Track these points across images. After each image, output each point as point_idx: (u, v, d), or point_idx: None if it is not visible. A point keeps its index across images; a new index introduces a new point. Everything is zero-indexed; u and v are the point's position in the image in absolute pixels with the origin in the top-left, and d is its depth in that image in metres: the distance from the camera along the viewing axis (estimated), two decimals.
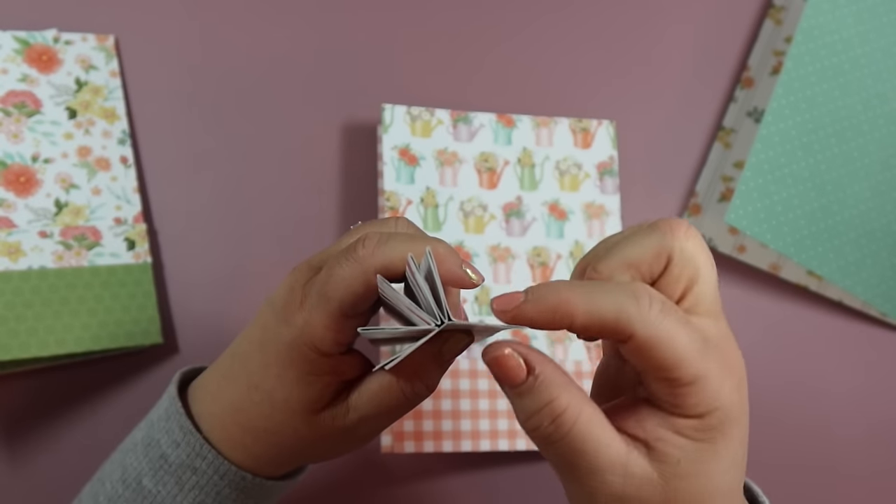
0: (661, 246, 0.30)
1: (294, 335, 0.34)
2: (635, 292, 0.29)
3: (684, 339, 0.28)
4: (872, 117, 0.62)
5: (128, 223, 0.54)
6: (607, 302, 0.28)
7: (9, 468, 0.52)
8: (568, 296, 0.28)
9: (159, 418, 0.38)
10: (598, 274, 0.31)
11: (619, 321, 0.28)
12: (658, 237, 0.31)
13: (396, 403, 0.35)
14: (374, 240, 0.33)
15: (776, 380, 0.62)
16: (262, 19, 0.60)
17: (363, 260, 0.32)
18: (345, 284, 0.32)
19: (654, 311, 0.28)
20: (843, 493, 0.61)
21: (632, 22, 0.65)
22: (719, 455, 0.30)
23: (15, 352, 0.49)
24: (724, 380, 0.29)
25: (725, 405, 0.29)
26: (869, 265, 0.62)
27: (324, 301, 0.33)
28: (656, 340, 0.28)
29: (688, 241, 0.31)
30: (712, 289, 0.31)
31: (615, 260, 0.31)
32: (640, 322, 0.28)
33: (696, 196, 0.63)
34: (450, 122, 0.58)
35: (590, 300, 0.28)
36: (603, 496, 0.29)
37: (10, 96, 0.53)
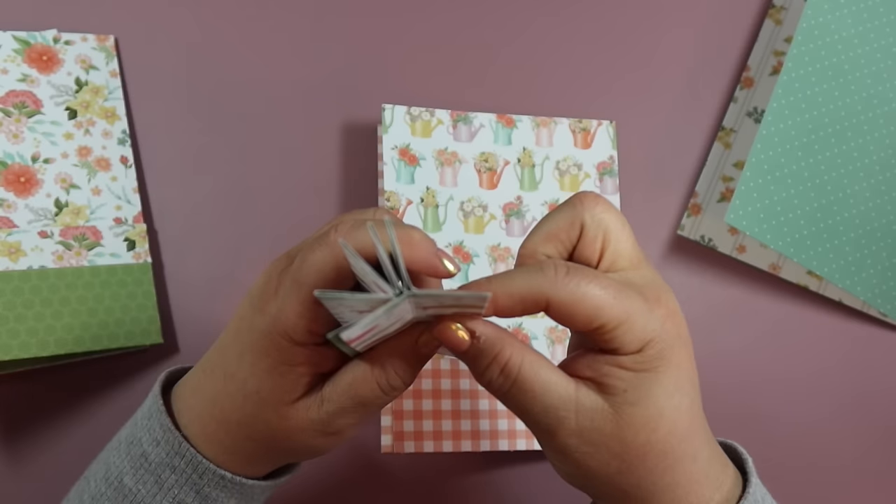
0: (573, 215, 0.35)
1: (267, 323, 0.33)
2: (541, 265, 0.32)
3: (596, 291, 0.32)
4: (872, 117, 0.62)
5: (128, 223, 0.54)
6: (520, 281, 0.32)
7: (9, 468, 0.52)
8: (488, 287, 0.32)
9: (142, 417, 0.38)
10: (524, 248, 0.36)
11: (534, 293, 0.32)
12: (569, 209, 0.35)
13: (372, 395, 0.34)
14: (348, 224, 0.33)
15: (776, 380, 0.62)
16: (263, 19, 0.60)
17: (334, 244, 0.32)
18: (316, 269, 0.32)
19: (560, 275, 0.32)
20: (843, 493, 0.61)
21: (632, 22, 0.65)
22: (661, 380, 0.33)
23: (15, 352, 0.49)
24: (651, 315, 0.32)
25: (658, 335, 0.32)
26: (869, 265, 0.62)
27: (296, 287, 0.33)
28: (569, 299, 0.32)
29: (596, 207, 0.35)
30: (628, 244, 0.35)
31: (538, 235, 0.35)
32: (549, 288, 0.32)
33: (696, 196, 0.63)
34: (450, 122, 0.58)
35: (504, 284, 0.32)
36: (562, 433, 0.33)
37: (11, 96, 0.53)
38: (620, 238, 0.35)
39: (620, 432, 0.33)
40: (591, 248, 0.35)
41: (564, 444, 0.33)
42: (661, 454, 0.33)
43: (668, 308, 0.34)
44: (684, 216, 0.62)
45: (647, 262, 0.36)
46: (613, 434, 0.33)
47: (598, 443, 0.33)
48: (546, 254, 0.35)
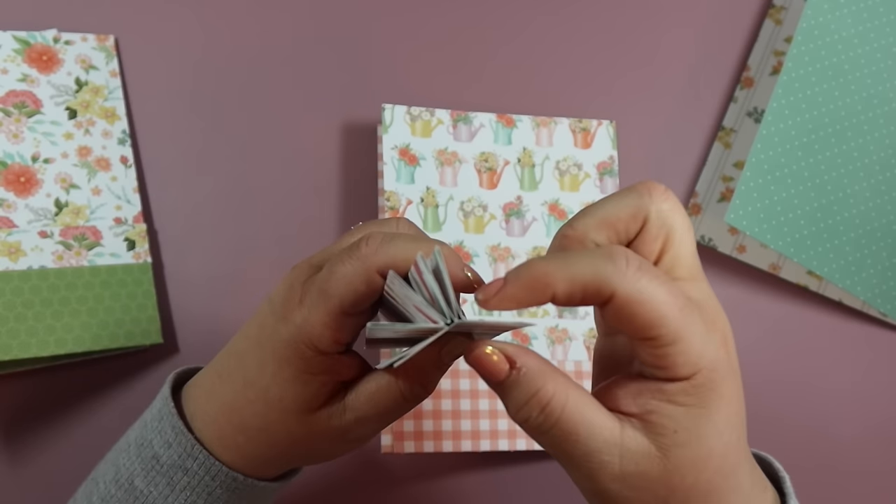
0: (638, 206, 0.31)
1: (292, 332, 0.33)
2: (611, 253, 0.29)
3: (664, 297, 0.28)
4: (872, 117, 0.62)
5: (128, 223, 0.54)
6: (584, 266, 0.28)
7: (9, 468, 0.52)
8: (545, 268, 0.28)
9: (152, 418, 0.38)
10: (573, 230, 0.31)
11: (599, 282, 0.28)
12: (635, 197, 0.31)
13: (394, 405, 0.34)
14: (378, 239, 0.32)
15: (776, 380, 0.62)
16: (263, 19, 0.60)
17: (366, 258, 0.32)
18: (346, 281, 0.32)
19: (632, 269, 0.28)
20: (843, 493, 0.61)
21: (632, 22, 0.65)
22: (712, 417, 0.29)
23: (15, 352, 0.49)
24: (708, 337, 0.29)
25: (711, 363, 0.29)
26: (869, 265, 0.62)
27: (324, 298, 0.32)
28: (636, 298, 0.28)
29: (665, 203, 0.31)
30: (690, 251, 0.32)
31: (591, 218, 0.31)
32: (618, 281, 0.28)
33: (696, 196, 0.63)
34: (450, 122, 0.58)
35: (567, 267, 0.28)
36: (603, 477, 0.30)
37: (10, 96, 0.53)
38: (684, 242, 0.31)
39: (667, 476, 0.29)
40: (650, 248, 0.31)
41: (605, 489, 0.30)
42: (706, 493, 0.30)
43: (723, 333, 0.30)
44: None
45: (704, 276, 0.32)
46: (660, 479, 0.29)
47: (642, 487, 0.30)
48: (596, 242, 0.32)
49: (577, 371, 0.57)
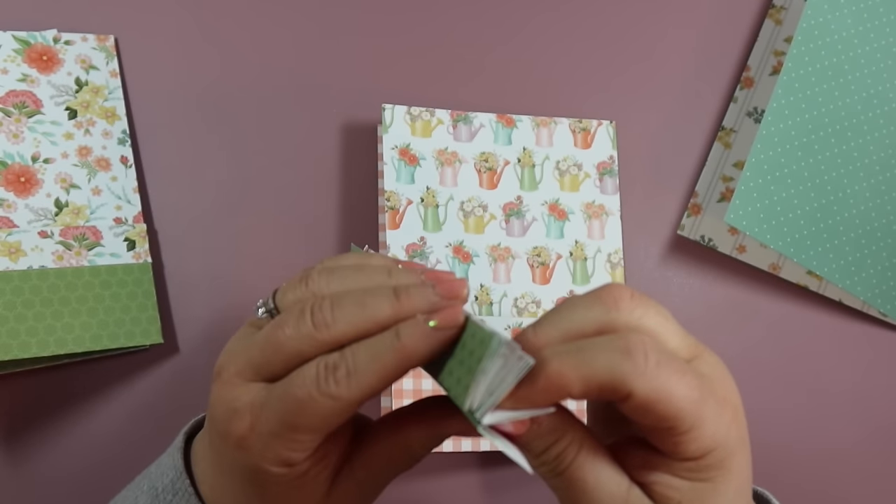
0: (604, 321, 0.28)
1: (254, 461, 0.29)
2: (629, 348, 0.27)
3: (683, 391, 0.27)
4: (872, 117, 0.62)
5: (128, 223, 0.54)
6: (600, 364, 0.27)
7: (9, 468, 0.52)
8: (559, 369, 0.27)
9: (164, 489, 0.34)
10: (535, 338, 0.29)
11: (615, 382, 0.27)
12: (601, 311, 0.28)
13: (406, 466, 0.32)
14: (343, 370, 0.28)
15: (776, 380, 0.62)
16: (262, 19, 0.60)
17: (336, 395, 0.28)
18: (315, 418, 0.28)
19: (651, 365, 0.27)
20: (843, 493, 0.61)
21: (632, 22, 0.65)
22: (719, 490, 0.29)
23: (15, 352, 0.49)
24: (720, 419, 0.28)
25: (722, 442, 0.28)
26: (869, 265, 0.62)
27: (286, 430, 0.28)
28: (654, 397, 0.27)
29: (633, 312, 0.29)
30: (678, 338, 0.30)
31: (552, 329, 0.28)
32: (635, 381, 0.27)
33: (696, 196, 0.63)
34: (450, 122, 0.58)
35: (581, 367, 0.27)
36: None
37: (10, 96, 0.53)
38: (668, 335, 0.29)
39: None
40: None
41: None
42: None
43: (734, 406, 0.30)
44: (684, 216, 0.62)
45: (704, 346, 0.31)
46: None
47: None
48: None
49: None
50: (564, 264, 0.58)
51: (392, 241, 0.56)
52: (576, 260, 0.59)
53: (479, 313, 0.56)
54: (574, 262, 0.59)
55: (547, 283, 0.58)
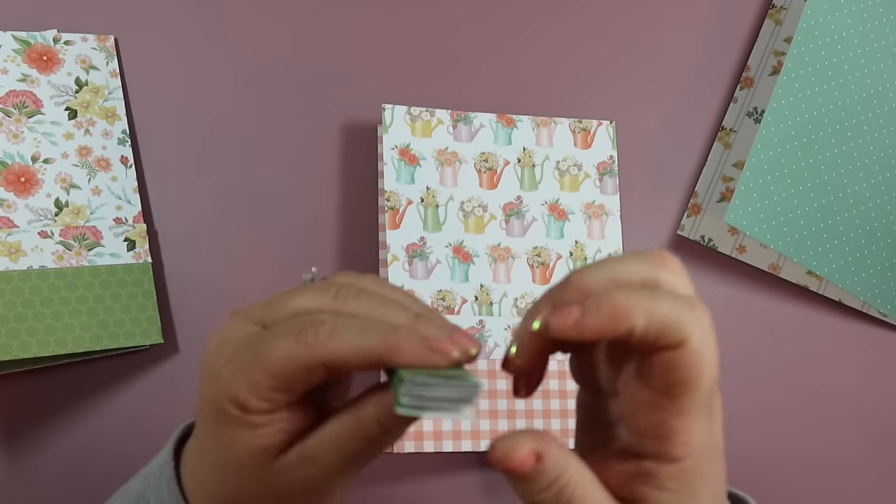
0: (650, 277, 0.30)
1: (215, 391, 0.30)
2: (692, 303, 0.29)
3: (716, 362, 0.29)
4: (872, 117, 0.62)
5: (128, 223, 0.54)
6: (668, 306, 0.28)
7: (9, 468, 0.52)
8: (627, 301, 0.28)
9: (153, 473, 0.35)
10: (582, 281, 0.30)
11: (677, 325, 0.28)
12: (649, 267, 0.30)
13: (360, 451, 0.31)
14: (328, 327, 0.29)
15: (776, 380, 0.62)
16: (263, 19, 0.60)
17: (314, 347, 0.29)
18: (284, 363, 0.29)
19: (707, 324, 0.29)
20: (843, 493, 0.61)
21: (632, 22, 0.65)
22: (699, 498, 0.30)
23: (15, 352, 0.49)
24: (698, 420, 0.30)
25: (700, 448, 0.30)
26: (869, 265, 0.62)
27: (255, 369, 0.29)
28: (702, 350, 0.28)
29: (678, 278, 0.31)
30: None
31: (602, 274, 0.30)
32: (693, 331, 0.28)
33: (696, 196, 0.63)
34: (450, 122, 0.58)
35: (650, 303, 0.28)
36: None
37: (11, 96, 0.53)
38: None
39: None
40: None
41: None
42: None
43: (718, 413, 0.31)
44: (684, 216, 0.62)
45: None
46: None
47: None
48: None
49: None
50: (564, 264, 0.58)
51: (392, 241, 0.56)
52: (576, 260, 0.59)
53: (479, 313, 0.56)
54: (574, 263, 0.59)
55: (547, 283, 0.58)
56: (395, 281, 0.55)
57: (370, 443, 0.30)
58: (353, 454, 0.31)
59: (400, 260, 0.56)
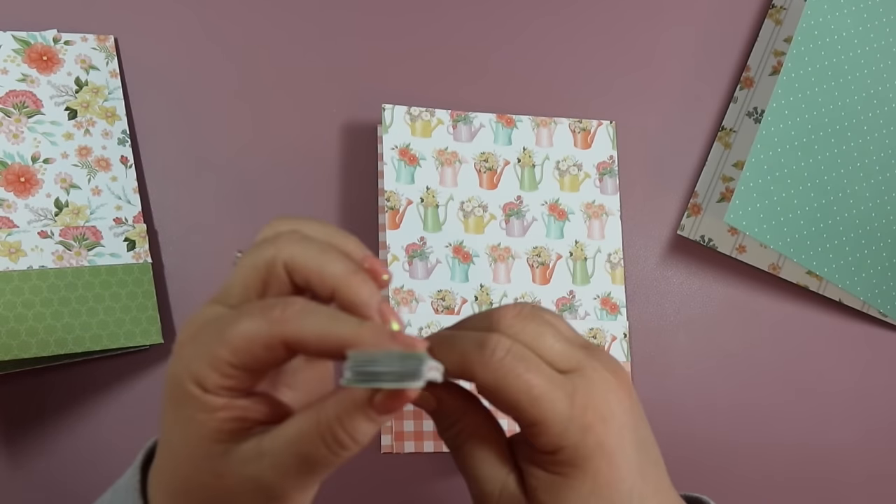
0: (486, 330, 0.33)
1: (178, 368, 0.30)
2: (481, 342, 0.32)
3: (519, 385, 0.31)
4: (872, 117, 0.62)
5: (128, 223, 0.54)
6: (457, 350, 0.32)
7: (9, 468, 0.52)
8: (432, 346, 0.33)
9: (123, 487, 0.35)
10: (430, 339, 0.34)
11: (465, 366, 0.32)
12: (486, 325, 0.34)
13: (317, 454, 0.29)
14: (297, 308, 0.29)
15: (776, 379, 0.62)
16: (262, 19, 0.60)
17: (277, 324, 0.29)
18: (246, 339, 0.29)
19: (496, 357, 0.32)
20: (843, 493, 0.61)
21: (632, 22, 0.65)
22: (574, 488, 0.32)
23: (15, 352, 0.49)
24: (571, 422, 0.32)
25: (572, 445, 0.32)
26: (869, 265, 0.62)
27: (216, 344, 0.29)
28: (494, 385, 0.32)
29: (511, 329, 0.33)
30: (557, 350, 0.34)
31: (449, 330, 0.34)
32: (478, 369, 0.32)
33: (696, 196, 0.63)
34: (450, 122, 0.58)
35: (448, 349, 0.32)
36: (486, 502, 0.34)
37: (10, 96, 0.53)
38: (542, 349, 0.33)
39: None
40: None
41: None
42: None
43: (601, 416, 0.32)
44: (684, 216, 0.62)
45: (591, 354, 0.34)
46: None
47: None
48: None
49: None
50: (564, 264, 0.58)
51: (392, 241, 0.56)
52: (576, 260, 0.59)
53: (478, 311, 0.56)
54: (574, 262, 0.59)
55: (547, 283, 0.58)
56: (395, 281, 0.55)
57: (327, 445, 0.29)
58: (309, 456, 0.29)
59: (400, 260, 0.56)
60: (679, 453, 0.58)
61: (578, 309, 0.58)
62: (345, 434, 0.29)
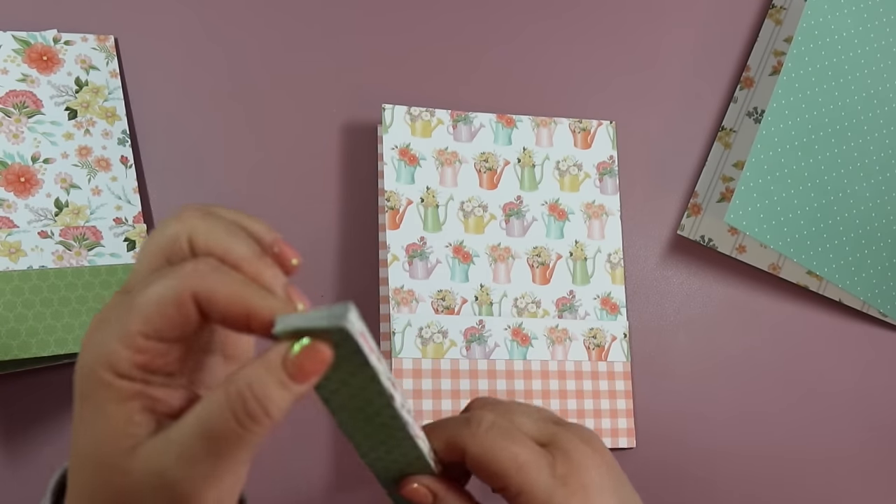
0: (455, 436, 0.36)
1: (88, 357, 0.28)
2: (468, 418, 0.35)
3: (506, 454, 0.34)
4: (872, 117, 0.62)
5: (128, 223, 0.54)
6: (448, 429, 0.35)
7: (9, 468, 0.52)
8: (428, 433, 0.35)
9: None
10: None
11: (455, 441, 0.35)
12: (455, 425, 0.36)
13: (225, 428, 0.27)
14: (209, 267, 0.28)
15: (776, 380, 0.62)
16: (262, 19, 0.60)
17: (184, 278, 0.28)
18: (155, 299, 0.28)
19: (482, 429, 0.35)
20: (843, 493, 0.61)
21: (632, 22, 0.65)
22: None
23: (15, 352, 0.49)
24: (554, 490, 0.34)
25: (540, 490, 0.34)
26: (869, 265, 0.62)
27: (126, 315, 0.28)
28: (482, 455, 0.34)
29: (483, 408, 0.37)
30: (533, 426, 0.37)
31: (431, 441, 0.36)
32: (468, 439, 0.34)
33: (696, 196, 0.63)
34: (450, 122, 0.59)
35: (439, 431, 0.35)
36: None
37: (11, 96, 0.53)
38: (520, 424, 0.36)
39: None
40: None
41: None
42: None
43: (583, 484, 0.35)
44: (684, 216, 0.62)
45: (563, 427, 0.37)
46: None
47: None
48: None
49: (577, 371, 0.57)
50: (564, 264, 0.58)
51: (392, 241, 0.56)
52: (576, 260, 0.59)
53: (479, 313, 0.56)
54: (574, 262, 0.59)
55: (547, 283, 0.58)
56: (395, 281, 0.55)
57: (236, 418, 0.27)
58: (216, 433, 0.27)
59: (400, 260, 0.56)
60: (679, 453, 0.58)
61: (578, 309, 0.58)
62: (255, 403, 0.27)
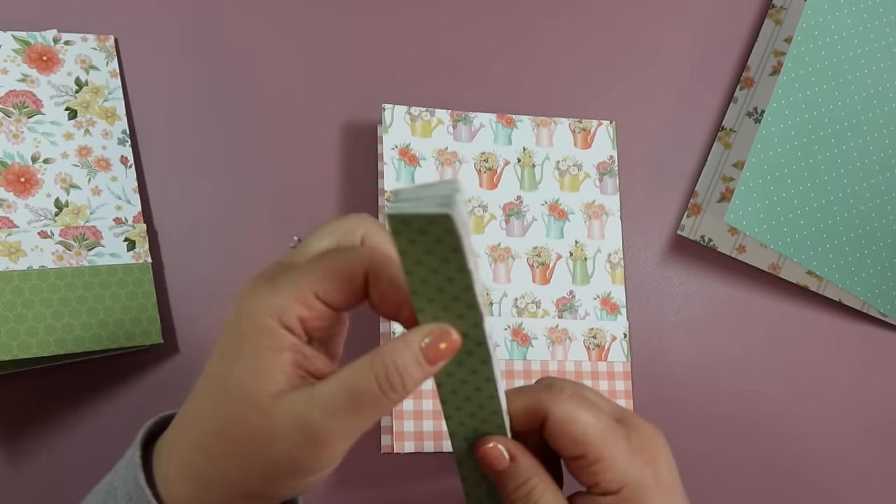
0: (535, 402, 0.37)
1: (254, 303, 0.31)
2: (550, 384, 0.37)
3: (588, 419, 0.35)
4: (872, 117, 0.62)
5: (128, 223, 0.54)
6: (530, 395, 0.37)
7: (9, 468, 0.52)
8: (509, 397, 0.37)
9: (124, 465, 0.35)
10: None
11: (538, 406, 0.36)
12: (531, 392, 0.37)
13: (368, 391, 0.31)
14: (382, 254, 0.33)
15: (776, 379, 0.62)
16: (263, 19, 0.60)
17: (363, 255, 0.32)
18: (332, 266, 0.32)
19: (565, 395, 0.36)
20: (843, 492, 0.61)
21: (632, 22, 0.65)
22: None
23: (15, 352, 0.49)
24: (632, 459, 0.36)
25: (637, 481, 0.35)
26: (869, 265, 0.62)
27: (300, 273, 0.32)
28: (565, 418, 0.35)
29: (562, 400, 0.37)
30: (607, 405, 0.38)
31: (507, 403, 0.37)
32: (551, 402, 0.36)
33: (696, 196, 0.63)
34: (450, 122, 0.59)
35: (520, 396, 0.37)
36: None
37: (10, 96, 0.53)
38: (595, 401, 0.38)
39: None
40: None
41: None
42: None
43: (653, 455, 0.37)
44: (684, 216, 0.62)
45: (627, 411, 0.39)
46: None
47: None
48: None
49: (577, 371, 0.57)
50: (564, 264, 0.58)
51: None
52: (576, 260, 0.59)
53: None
54: (574, 263, 0.59)
55: (547, 283, 0.58)
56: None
57: (379, 384, 0.31)
58: (360, 394, 0.31)
59: None
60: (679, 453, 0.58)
61: (578, 309, 0.58)
62: (396, 374, 0.31)
